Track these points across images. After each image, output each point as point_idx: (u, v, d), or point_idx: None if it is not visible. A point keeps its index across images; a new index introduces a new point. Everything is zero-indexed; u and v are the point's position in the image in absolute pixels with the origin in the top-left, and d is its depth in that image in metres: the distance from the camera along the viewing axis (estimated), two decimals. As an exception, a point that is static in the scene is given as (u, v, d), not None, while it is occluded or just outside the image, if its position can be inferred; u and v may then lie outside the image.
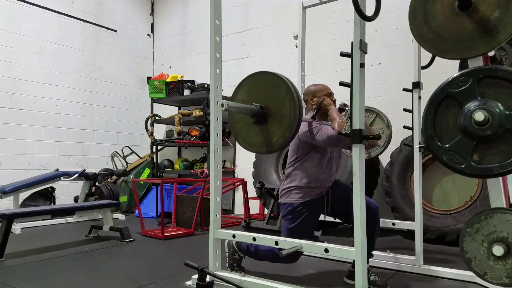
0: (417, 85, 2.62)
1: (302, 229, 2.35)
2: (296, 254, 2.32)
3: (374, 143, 2.51)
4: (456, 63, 2.39)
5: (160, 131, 6.24)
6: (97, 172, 4.98)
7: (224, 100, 1.97)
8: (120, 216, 4.83)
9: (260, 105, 2.07)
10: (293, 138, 2.10)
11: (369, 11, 1.61)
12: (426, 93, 2.13)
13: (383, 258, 2.71)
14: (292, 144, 2.41)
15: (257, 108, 2.06)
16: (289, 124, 1.99)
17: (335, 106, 2.39)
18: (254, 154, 4.55)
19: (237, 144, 5.46)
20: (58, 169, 4.81)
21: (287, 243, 1.99)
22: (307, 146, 2.36)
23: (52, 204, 4.73)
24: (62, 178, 4.61)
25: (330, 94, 2.44)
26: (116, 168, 5.89)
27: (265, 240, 2.16)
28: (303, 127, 2.29)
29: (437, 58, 2.27)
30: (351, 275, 2.30)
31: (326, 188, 2.38)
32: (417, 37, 1.89)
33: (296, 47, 4.35)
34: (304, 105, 2.46)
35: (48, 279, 2.42)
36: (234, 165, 5.48)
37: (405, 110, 2.85)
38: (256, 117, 2.09)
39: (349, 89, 1.75)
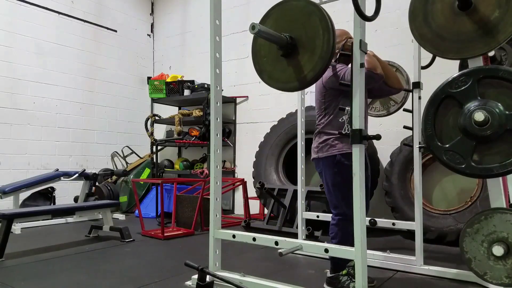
0: (417, 85, 2.62)
1: (348, 183, 2.08)
2: None
3: (399, 85, 2.37)
4: (456, 63, 2.39)
5: (160, 131, 6.23)
6: (97, 172, 4.99)
7: (255, 22, 1.80)
8: (120, 216, 4.83)
9: (290, 36, 1.91)
10: (325, 72, 1.94)
11: (369, 11, 1.61)
12: (426, 93, 2.13)
13: (383, 258, 2.71)
14: (318, 95, 2.31)
15: (286, 38, 1.90)
16: (321, 55, 1.82)
17: None
18: (254, 154, 4.55)
19: (237, 144, 5.47)
20: (58, 169, 4.81)
21: (287, 243, 1.98)
22: (333, 92, 2.25)
23: (52, 204, 4.73)
24: (62, 178, 4.61)
25: (351, 37, 2.33)
26: (116, 168, 5.89)
27: (265, 240, 2.15)
28: (327, 72, 2.18)
29: (437, 58, 2.27)
30: (332, 281, 2.20)
31: None
32: (417, 37, 1.89)
33: (296, 47, 4.34)
34: None
35: (48, 279, 2.42)
36: (234, 165, 5.48)
37: (405, 110, 2.85)
38: (284, 49, 1.93)
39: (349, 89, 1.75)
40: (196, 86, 5.42)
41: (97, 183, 4.94)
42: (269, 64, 2.04)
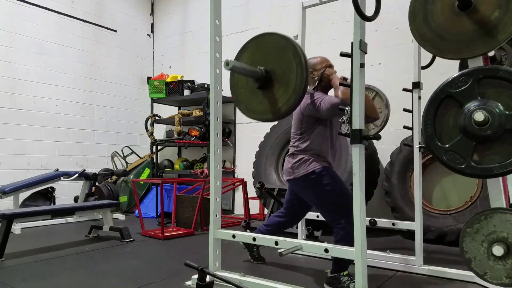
0: (417, 85, 2.62)
1: (336, 191, 2.24)
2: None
3: (375, 115, 2.42)
4: (456, 63, 2.39)
5: (160, 131, 6.23)
6: (97, 172, 4.98)
7: (229, 59, 1.86)
8: (120, 216, 4.83)
9: (265, 69, 1.96)
10: (298, 105, 2.00)
11: (369, 11, 1.61)
12: (426, 93, 2.13)
13: (383, 258, 2.71)
14: (295, 119, 2.37)
15: (262, 71, 1.95)
16: (295, 90, 1.87)
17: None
18: (254, 154, 4.55)
19: (237, 144, 5.47)
20: (58, 169, 4.81)
21: (287, 243, 1.98)
22: (310, 119, 2.31)
23: (52, 204, 4.73)
24: (62, 178, 4.61)
25: (330, 66, 2.43)
26: (116, 168, 5.89)
27: (265, 240, 2.16)
28: (305, 99, 2.23)
29: (437, 58, 2.27)
30: (332, 281, 2.21)
31: (331, 163, 2.37)
32: (417, 37, 1.89)
33: (296, 47, 4.34)
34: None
35: (48, 279, 2.42)
36: (234, 165, 5.48)
37: (405, 110, 2.85)
38: (260, 82, 1.98)
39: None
40: (196, 86, 5.42)
41: (97, 183, 4.94)
42: (246, 95, 2.10)
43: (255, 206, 4.90)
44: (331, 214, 2.28)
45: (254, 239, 2.15)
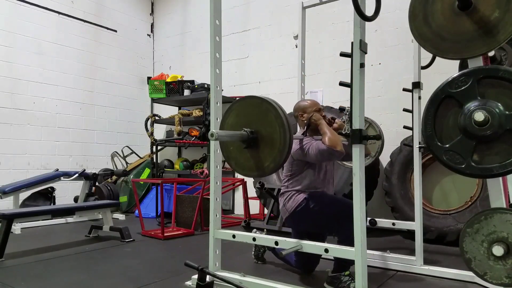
0: (417, 85, 2.62)
1: (333, 198, 2.35)
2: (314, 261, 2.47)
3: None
4: (456, 63, 2.39)
5: (160, 131, 6.23)
6: (97, 172, 4.98)
7: (213, 130, 1.95)
8: (120, 216, 4.83)
9: (250, 130, 2.06)
10: (285, 163, 2.09)
11: (369, 11, 1.61)
12: (426, 93, 2.13)
13: (383, 258, 2.71)
14: (286, 162, 2.41)
15: (247, 133, 2.05)
16: (279, 150, 1.97)
17: (326, 120, 2.41)
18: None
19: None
20: (58, 169, 4.81)
21: (287, 243, 1.98)
22: (300, 163, 2.39)
23: (52, 204, 4.73)
24: (62, 178, 4.61)
25: (319, 110, 2.47)
26: (116, 168, 5.88)
27: (265, 240, 2.16)
28: (295, 145, 2.31)
29: (437, 58, 2.27)
30: (333, 281, 2.23)
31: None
32: (417, 37, 1.89)
33: (296, 47, 4.35)
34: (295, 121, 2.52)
35: (48, 279, 2.42)
36: (234, 165, 5.47)
37: (405, 110, 2.85)
38: (246, 143, 2.07)
39: (349, 89, 1.75)
40: (196, 86, 5.42)
41: (97, 183, 4.94)
42: (235, 153, 2.19)
43: (255, 206, 4.89)
44: (333, 226, 2.33)
45: (254, 239, 2.15)
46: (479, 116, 1.57)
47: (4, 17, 4.69)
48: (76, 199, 5.01)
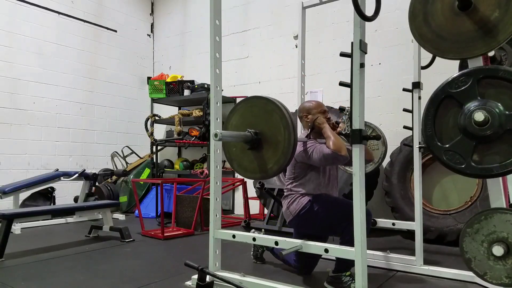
0: (417, 85, 2.61)
1: (337, 202, 2.32)
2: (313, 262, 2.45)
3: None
4: (456, 63, 2.39)
5: (160, 131, 6.23)
6: (97, 172, 4.98)
7: (217, 130, 1.94)
8: (120, 216, 4.83)
9: (254, 131, 2.04)
10: (288, 165, 2.08)
11: (369, 11, 1.61)
12: (426, 93, 2.13)
13: (383, 258, 2.71)
14: (289, 164, 2.40)
15: (251, 134, 2.03)
16: (283, 152, 1.96)
17: (330, 123, 2.40)
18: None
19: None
20: (58, 169, 4.81)
21: (287, 243, 1.98)
22: (303, 166, 2.38)
23: (52, 204, 4.73)
24: (62, 178, 4.61)
25: (324, 112, 2.45)
26: (116, 168, 5.88)
27: (265, 240, 2.16)
28: (299, 147, 2.29)
29: (437, 58, 2.27)
30: (334, 280, 2.23)
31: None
32: (417, 37, 1.89)
33: (296, 47, 4.35)
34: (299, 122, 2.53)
35: (48, 279, 2.42)
36: (234, 165, 5.47)
37: (405, 110, 2.85)
38: (250, 143, 2.05)
39: (349, 89, 1.75)
40: (196, 86, 5.42)
41: (97, 183, 4.94)
42: (237, 154, 2.17)
43: (255, 206, 4.89)
44: (336, 229, 2.30)
45: (254, 239, 2.15)
46: (479, 116, 1.58)
47: (4, 17, 4.68)
48: (76, 199, 5.01)
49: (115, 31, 6.00)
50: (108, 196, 4.85)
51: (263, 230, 2.90)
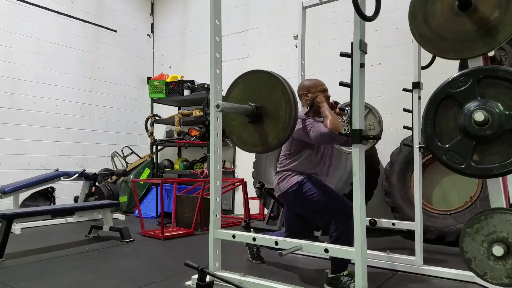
0: (417, 85, 2.61)
1: (320, 193, 2.29)
2: None
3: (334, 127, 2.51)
4: (456, 63, 2.39)
5: (160, 131, 6.23)
6: (97, 172, 4.98)
7: (219, 101, 1.94)
8: (120, 216, 4.83)
9: (255, 105, 2.04)
10: (288, 139, 2.08)
11: (369, 11, 1.61)
12: (426, 93, 2.13)
13: (383, 258, 2.71)
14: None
15: (252, 107, 2.03)
16: (284, 126, 1.96)
17: (329, 102, 2.39)
18: (254, 154, 4.55)
19: (237, 144, 5.46)
20: (58, 169, 4.81)
21: (287, 243, 1.98)
22: (300, 143, 2.38)
23: (52, 204, 4.73)
24: (62, 178, 4.61)
25: (324, 90, 2.45)
26: (116, 168, 5.88)
27: (265, 240, 2.16)
28: (297, 124, 2.27)
29: (437, 58, 2.27)
30: (333, 281, 2.22)
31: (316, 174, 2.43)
32: (417, 37, 1.89)
33: (296, 47, 4.35)
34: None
35: (48, 279, 2.42)
36: (234, 165, 5.48)
37: (405, 110, 2.85)
38: (251, 117, 2.05)
39: (349, 89, 1.75)
40: (196, 86, 5.42)
41: (97, 183, 4.93)
42: (237, 127, 2.17)
43: (255, 206, 4.90)
44: (321, 218, 2.32)
45: (254, 239, 2.15)
46: (479, 116, 1.57)
47: (4, 17, 4.68)
48: (76, 199, 5.01)
49: (115, 31, 6.00)
50: (108, 196, 4.85)
51: (252, 229, 2.89)
